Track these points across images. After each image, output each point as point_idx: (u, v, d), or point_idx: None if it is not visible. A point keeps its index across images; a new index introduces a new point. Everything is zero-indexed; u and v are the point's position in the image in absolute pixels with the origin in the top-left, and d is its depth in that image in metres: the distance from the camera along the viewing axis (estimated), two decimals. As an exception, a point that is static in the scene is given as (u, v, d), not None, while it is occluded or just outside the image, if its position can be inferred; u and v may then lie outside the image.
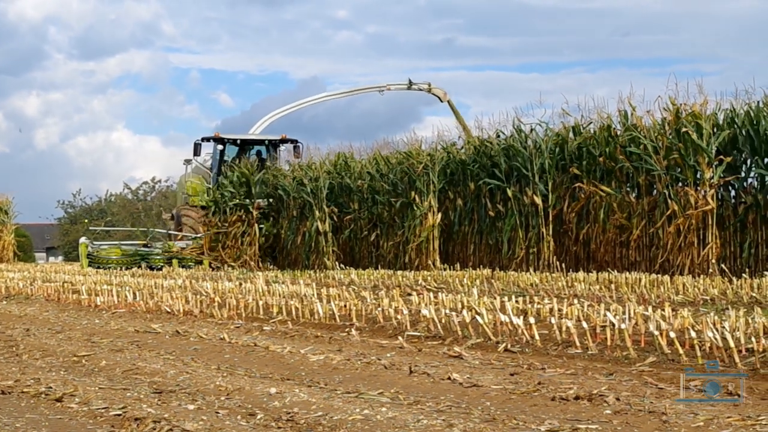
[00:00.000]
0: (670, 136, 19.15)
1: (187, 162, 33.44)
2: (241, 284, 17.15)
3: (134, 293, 15.82)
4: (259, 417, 6.03)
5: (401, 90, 36.11)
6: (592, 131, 21.27)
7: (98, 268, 28.33)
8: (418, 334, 10.02)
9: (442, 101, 35.43)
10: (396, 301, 12.16)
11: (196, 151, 31.95)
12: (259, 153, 32.69)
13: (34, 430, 5.92)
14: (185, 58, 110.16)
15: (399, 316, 10.92)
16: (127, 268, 27.86)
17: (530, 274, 18.42)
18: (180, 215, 32.28)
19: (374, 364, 8.12)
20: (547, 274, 18.59)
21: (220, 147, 31.93)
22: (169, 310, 13.73)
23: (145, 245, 31.65)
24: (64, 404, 6.67)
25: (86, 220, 66.58)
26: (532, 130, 22.63)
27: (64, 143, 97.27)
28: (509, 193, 22.29)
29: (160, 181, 69.80)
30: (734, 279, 15.64)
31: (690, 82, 20.65)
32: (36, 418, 6.25)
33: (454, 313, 10.41)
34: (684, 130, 18.72)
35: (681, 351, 7.91)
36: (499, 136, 23.49)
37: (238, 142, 32.53)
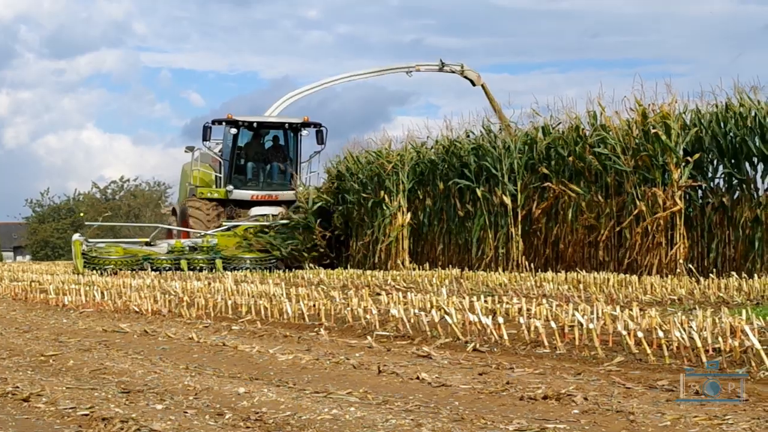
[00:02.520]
0: (638, 137, 19.25)
1: (190, 149, 29.96)
2: (209, 283, 17.11)
3: (102, 293, 15.76)
4: (227, 417, 6.02)
5: (431, 71, 32.09)
6: (561, 131, 21.34)
7: (95, 269, 24.05)
8: (387, 333, 10.03)
9: (475, 85, 31.58)
10: (365, 301, 12.16)
11: (206, 135, 27.79)
12: (276, 138, 29.26)
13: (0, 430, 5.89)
14: (156, 57, 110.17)
15: (368, 316, 10.93)
16: (130, 270, 23.87)
17: (499, 274, 18.47)
18: (186, 209, 28.13)
19: (343, 364, 8.12)
20: (516, 274, 18.65)
21: (233, 131, 27.89)
22: (137, 310, 13.68)
23: (147, 243, 27.15)
24: (31, 404, 6.63)
25: (82, 213, 64.78)
26: (501, 130, 22.69)
27: (33, 142, 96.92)
28: (478, 193, 22.35)
29: (128, 180, 69.52)
30: (701, 279, 15.73)
31: (659, 83, 20.85)
32: (2, 417, 6.21)
33: (423, 313, 10.42)
34: (653, 130, 18.82)
35: (649, 351, 7.94)
36: (468, 136, 23.54)
37: (255, 125, 28.55)
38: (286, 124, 28.67)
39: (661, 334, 8.31)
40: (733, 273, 16.27)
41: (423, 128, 27.24)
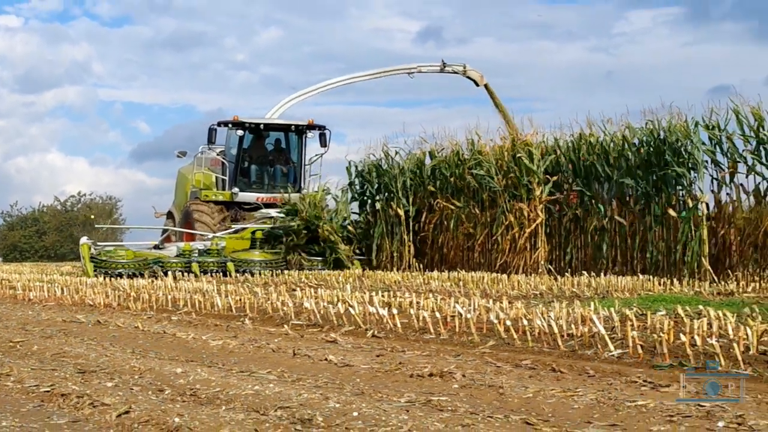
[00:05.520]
0: (508, 161, 19.48)
1: (182, 154, 25.60)
2: (153, 281, 16.88)
3: (62, 289, 15.47)
4: (167, 392, 5.95)
5: (433, 72, 27.12)
6: (444, 156, 21.48)
7: (107, 274, 19.31)
8: (301, 323, 10.00)
9: (478, 85, 26.96)
10: (283, 296, 12.12)
11: (211, 137, 23.43)
12: (278, 141, 24.59)
13: (-28, 406, 5.75)
14: (110, 93, 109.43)
15: (285, 308, 10.88)
16: (140, 275, 19.20)
17: (394, 273, 18.51)
18: (191, 212, 23.03)
19: (264, 348, 8.08)
20: (408, 273, 18.70)
21: (239, 133, 23.40)
22: (91, 303, 13.46)
23: (155, 246, 22.74)
24: (1, 382, 6.50)
25: (92, 216, 61.57)
26: (396, 153, 22.68)
27: (5, 162, 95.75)
28: (378, 205, 22.41)
29: (85, 194, 68.65)
30: (559, 277, 15.96)
31: (524, 117, 21.38)
32: (-26, 395, 6.07)
33: (330, 306, 10.42)
34: (519, 156, 19.06)
35: (515, 336, 8.02)
36: (370, 158, 23.48)
37: (261, 127, 23.95)
38: (292, 127, 24.27)
39: (525, 322, 8.41)
40: (584, 272, 16.52)
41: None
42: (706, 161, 16.16)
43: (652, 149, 16.96)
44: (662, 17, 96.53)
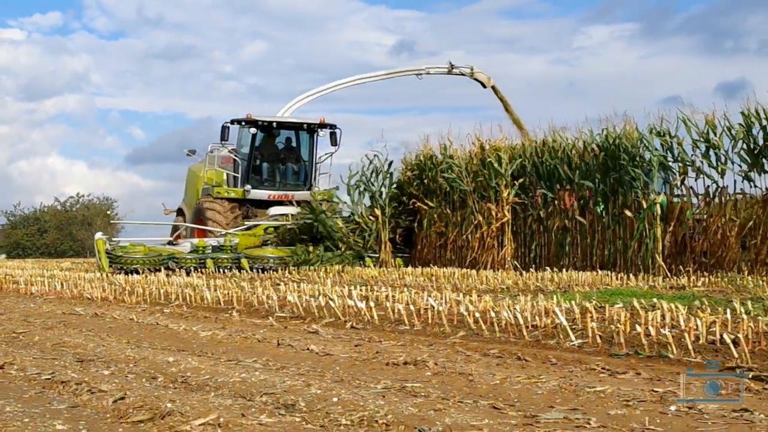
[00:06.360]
0: (477, 164, 19.52)
1: (192, 152, 24.52)
2: (146, 276, 16.82)
3: (62, 283, 15.41)
4: (159, 379, 5.95)
5: (441, 74, 25.90)
6: (418, 160, 21.44)
7: (122, 270, 18.47)
8: (285, 315, 10.00)
9: (485, 87, 25.82)
10: (268, 290, 12.11)
11: (224, 135, 22.12)
12: (288, 140, 23.36)
13: (-23, 393, 5.73)
14: (107, 101, 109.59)
15: (270, 301, 10.88)
16: (155, 270, 18.16)
17: (371, 268, 18.50)
18: (203, 209, 21.96)
19: (250, 339, 8.07)
20: (384, 269, 18.70)
21: (252, 131, 22.21)
22: (89, 297, 13.41)
23: (170, 242, 21.47)
24: (5, 371, 6.46)
25: (109, 212, 58.50)
26: (375, 156, 22.39)
27: (9, 166, 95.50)
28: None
29: (83, 195, 68.46)
30: (524, 273, 16.01)
31: (493, 124, 21.48)
32: (-21, 382, 6.05)
33: (312, 299, 10.42)
34: (488, 160, 19.11)
35: (484, 327, 8.05)
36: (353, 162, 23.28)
37: (274, 125, 22.74)
38: (304, 125, 23.03)
39: (493, 314, 8.45)
40: (548, 268, 16.58)
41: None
42: (660, 165, 16.27)
43: (608, 154, 17.07)
44: (618, 32, 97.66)
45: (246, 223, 21.37)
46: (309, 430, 4.41)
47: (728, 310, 7.92)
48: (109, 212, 59.56)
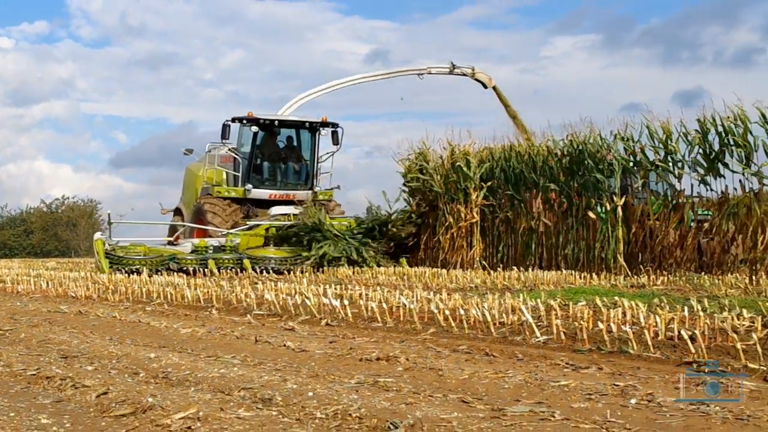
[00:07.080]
0: (448, 168, 19.54)
1: (189, 152, 23.39)
2: (129, 275, 16.70)
3: (47, 282, 15.28)
4: (141, 375, 5.91)
5: (442, 74, 24.81)
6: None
7: (122, 270, 17.09)
8: (262, 312, 9.97)
9: (486, 87, 24.68)
10: (246, 288, 12.07)
11: (225, 133, 20.67)
12: (290, 138, 22.13)
13: (-37, 388, 5.67)
14: (92, 107, 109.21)
15: (248, 300, 10.84)
16: (156, 271, 17.00)
17: (346, 268, 18.45)
18: (203, 208, 20.63)
19: (229, 335, 8.04)
20: (358, 268, 18.67)
21: (253, 129, 20.98)
22: (74, 295, 13.30)
23: (170, 243, 20.03)
24: (-10, 367, 6.41)
25: (109, 212, 57.42)
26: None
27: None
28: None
29: (68, 197, 68.04)
30: (492, 272, 16.05)
31: (463, 129, 21.62)
32: (-35, 379, 5.98)
33: (289, 297, 10.39)
34: (458, 163, 19.14)
35: (453, 324, 8.06)
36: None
37: (276, 123, 21.44)
38: (306, 124, 21.75)
39: (462, 312, 8.46)
40: (514, 267, 16.62)
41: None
42: (621, 168, 16.38)
43: (572, 158, 17.16)
44: (582, 43, 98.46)
45: (247, 222, 20.29)
46: (285, 424, 4.40)
47: (686, 308, 7.97)
48: (109, 212, 59.23)
